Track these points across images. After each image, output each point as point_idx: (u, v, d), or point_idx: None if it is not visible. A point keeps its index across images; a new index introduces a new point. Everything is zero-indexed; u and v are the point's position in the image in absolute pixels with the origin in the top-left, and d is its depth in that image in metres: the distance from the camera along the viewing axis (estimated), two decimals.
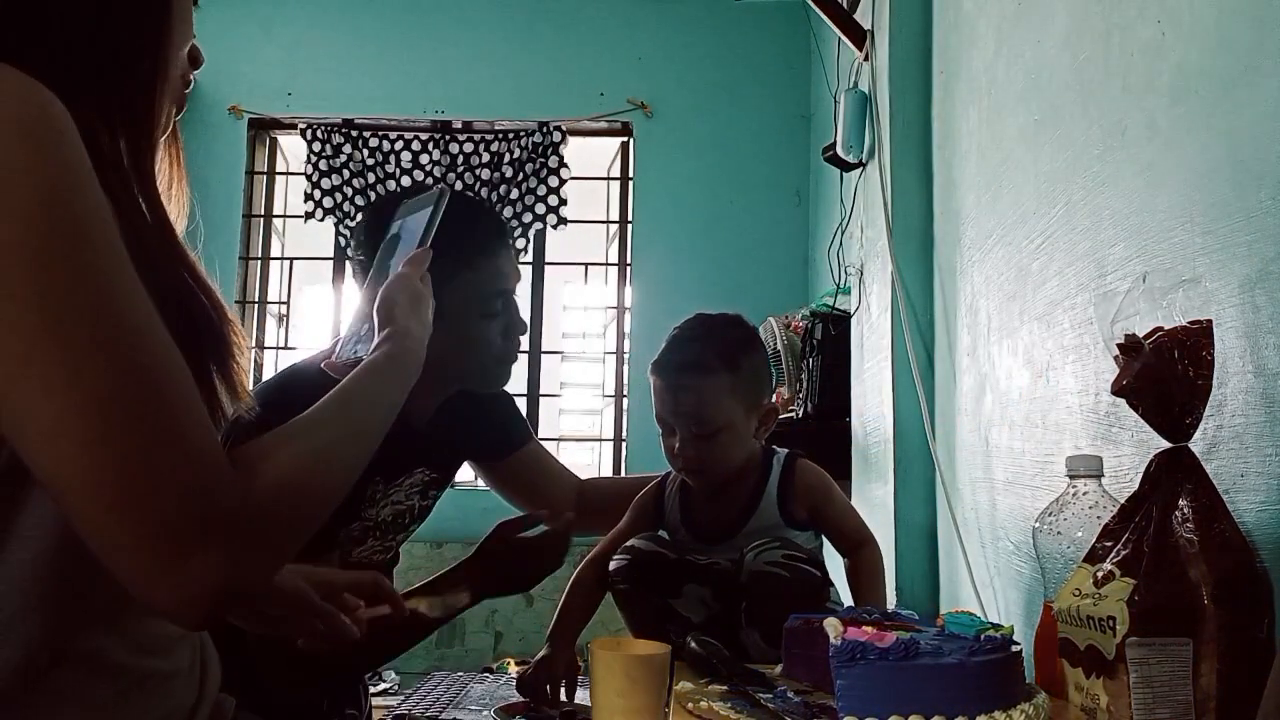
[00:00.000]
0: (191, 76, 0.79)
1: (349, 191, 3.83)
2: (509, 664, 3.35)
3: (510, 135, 3.87)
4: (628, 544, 1.39)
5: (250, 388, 0.75)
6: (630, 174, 3.96)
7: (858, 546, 1.40)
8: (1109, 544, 0.82)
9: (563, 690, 1.32)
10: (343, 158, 3.83)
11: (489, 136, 3.88)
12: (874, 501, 2.07)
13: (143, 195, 0.68)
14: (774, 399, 1.47)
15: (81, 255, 0.55)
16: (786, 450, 1.46)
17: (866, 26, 2.21)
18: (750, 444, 1.40)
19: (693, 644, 1.06)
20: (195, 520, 0.56)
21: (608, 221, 4.19)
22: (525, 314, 1.44)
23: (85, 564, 0.58)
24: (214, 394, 0.70)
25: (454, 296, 1.25)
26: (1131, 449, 1.04)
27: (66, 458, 0.54)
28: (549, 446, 1.78)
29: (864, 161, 2.26)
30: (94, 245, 0.56)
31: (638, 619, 1.39)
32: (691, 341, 1.39)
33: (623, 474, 3.78)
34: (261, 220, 4.00)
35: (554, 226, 3.84)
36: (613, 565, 1.38)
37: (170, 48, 0.72)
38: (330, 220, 3.82)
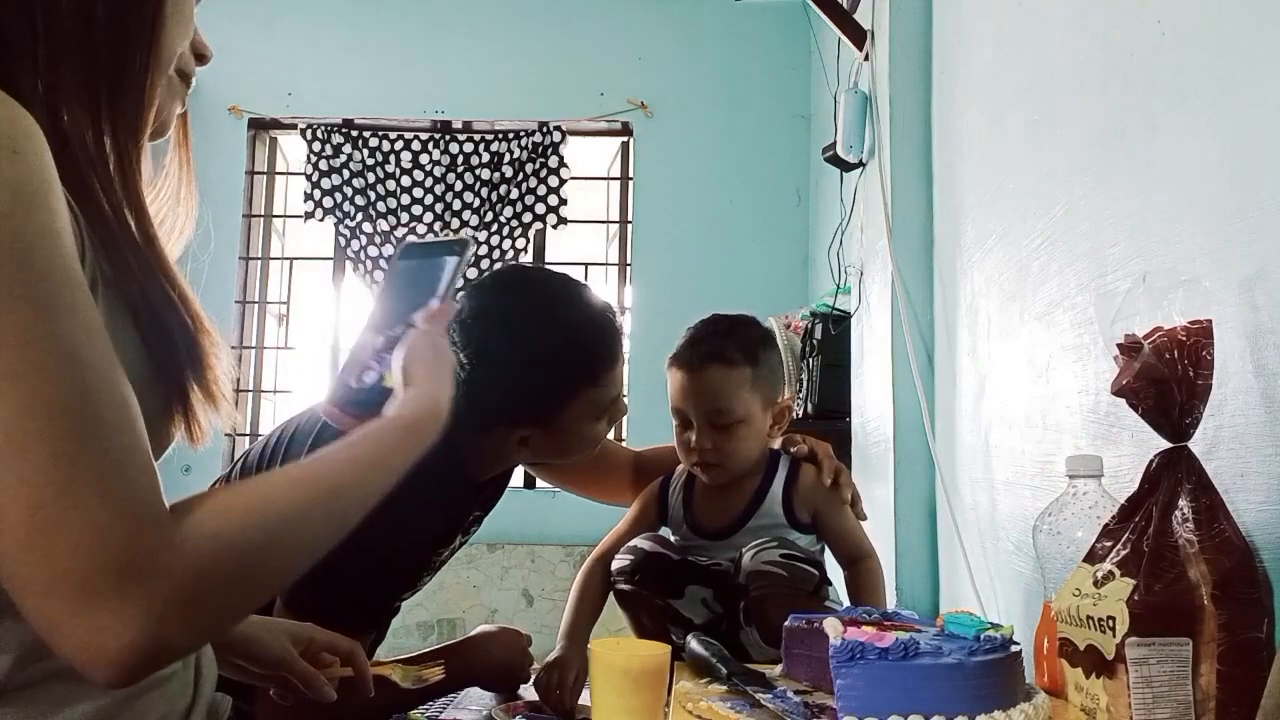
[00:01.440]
0: (195, 72, 0.76)
1: (349, 191, 3.83)
2: None
3: (510, 135, 3.86)
4: (631, 543, 1.39)
5: (231, 393, 0.73)
6: (630, 174, 3.96)
7: (858, 559, 1.39)
8: (1109, 544, 0.82)
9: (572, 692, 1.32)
10: (343, 158, 3.83)
11: (489, 136, 3.88)
12: (874, 501, 2.07)
13: (126, 198, 0.66)
14: (787, 403, 1.47)
15: (17, 279, 0.53)
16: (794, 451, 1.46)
17: (866, 26, 2.21)
18: (765, 441, 1.41)
19: (693, 644, 1.06)
20: (108, 568, 0.51)
21: (608, 221, 4.19)
22: None
23: None
24: (189, 409, 0.68)
25: (574, 410, 1.24)
26: (1131, 449, 1.04)
27: None
28: None
29: (864, 161, 2.26)
30: (35, 269, 0.54)
31: (639, 619, 1.39)
32: (712, 335, 1.39)
33: None
34: (261, 220, 4.00)
35: (554, 226, 3.84)
36: (616, 564, 1.38)
37: (162, 44, 0.69)
38: (330, 220, 3.82)
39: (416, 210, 3.83)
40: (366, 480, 0.68)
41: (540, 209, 3.82)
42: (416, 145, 3.86)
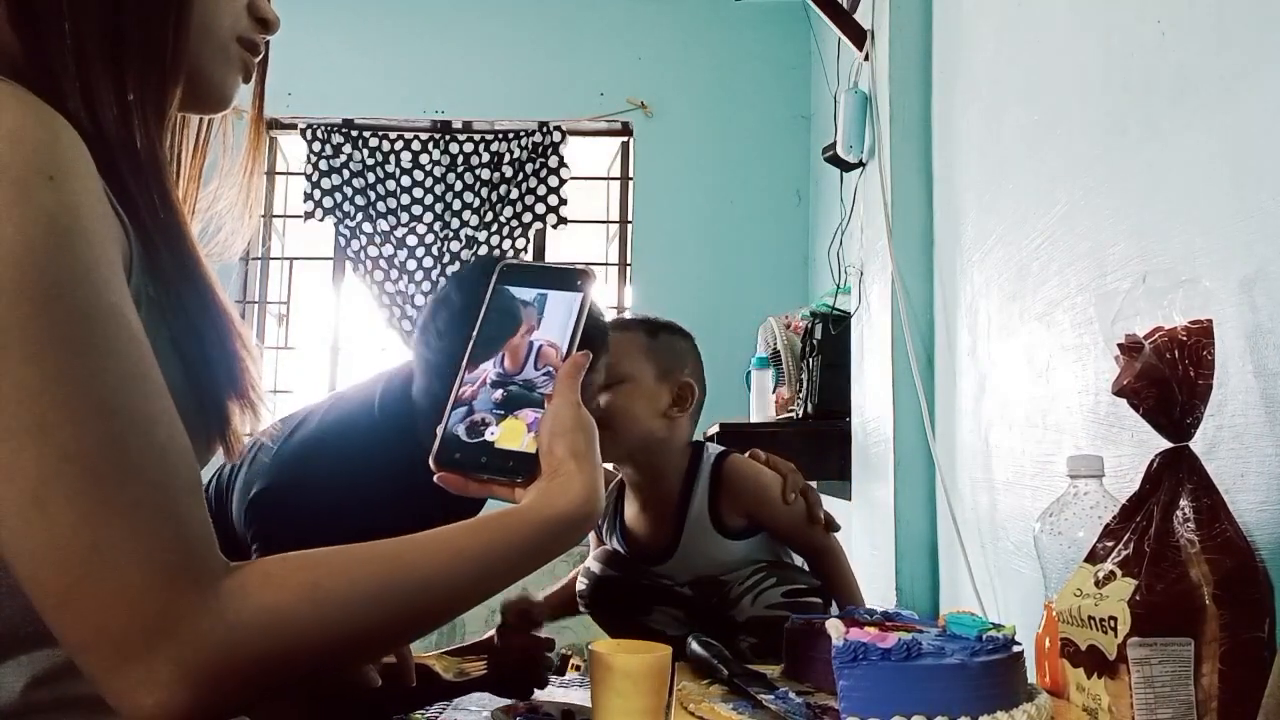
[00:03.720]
0: (259, 40, 0.71)
1: (349, 191, 3.83)
2: None
3: (510, 135, 3.86)
4: (586, 566, 1.38)
5: (267, 398, 0.70)
6: (630, 174, 3.96)
7: (819, 552, 1.35)
8: (1110, 544, 0.82)
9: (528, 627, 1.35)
10: (343, 158, 3.83)
11: (489, 136, 3.88)
12: (874, 501, 2.07)
13: (158, 194, 0.62)
14: (689, 380, 1.39)
15: (47, 322, 0.50)
16: (719, 449, 1.39)
17: (866, 26, 2.21)
18: (662, 422, 1.35)
19: (694, 645, 1.06)
20: (141, 629, 0.49)
21: (608, 221, 4.19)
22: None
23: None
24: (227, 423, 0.65)
25: None
26: (1131, 449, 1.04)
27: (19, 538, 0.49)
28: None
29: (864, 161, 2.26)
30: (68, 310, 0.51)
31: (613, 635, 1.38)
32: (623, 315, 1.42)
33: None
34: (261, 220, 4.00)
35: (554, 226, 3.84)
36: (578, 586, 1.37)
37: (194, 4, 0.65)
38: (330, 220, 3.82)
39: (416, 210, 3.83)
40: (471, 577, 0.59)
41: (540, 209, 3.82)
42: (416, 145, 3.86)
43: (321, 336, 4.02)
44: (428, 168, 3.85)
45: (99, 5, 0.60)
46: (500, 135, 3.87)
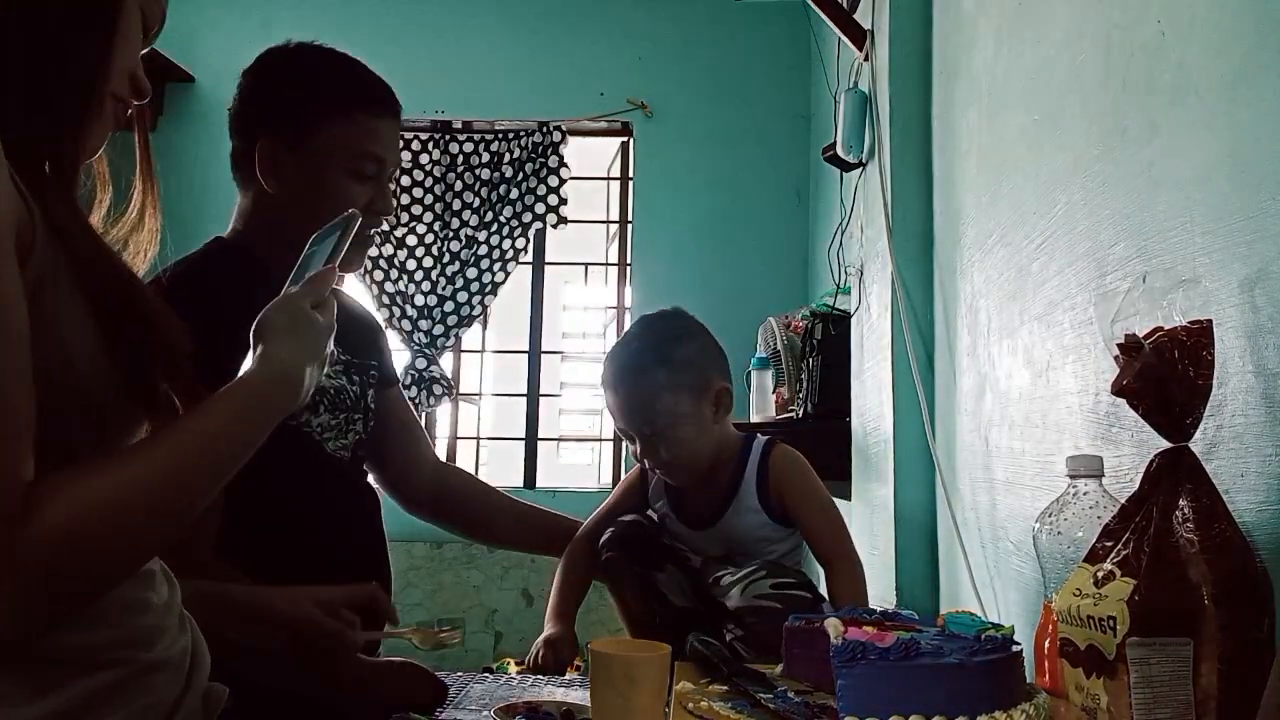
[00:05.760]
0: (131, 102, 0.77)
1: None
2: (509, 664, 3.35)
3: (510, 135, 3.86)
4: (618, 520, 1.40)
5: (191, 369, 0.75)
6: (630, 174, 3.96)
7: (829, 560, 1.34)
8: (1109, 544, 0.82)
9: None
10: None
11: (489, 136, 3.88)
12: (874, 501, 2.07)
13: (67, 194, 0.68)
14: (722, 386, 1.40)
15: None
16: (767, 437, 1.43)
17: (866, 26, 2.21)
18: (714, 430, 1.38)
19: (694, 644, 1.06)
20: None
21: (608, 221, 4.19)
22: (525, 314, 1.44)
23: None
24: (153, 391, 0.69)
25: (322, 140, 1.25)
26: (1131, 449, 1.04)
27: None
28: (549, 447, 1.76)
29: (864, 161, 2.26)
30: None
31: (622, 594, 1.39)
32: (622, 347, 1.40)
33: (622, 474, 3.77)
34: None
35: (554, 226, 3.84)
36: (603, 537, 1.40)
37: (114, 64, 0.71)
38: None
39: (416, 210, 3.83)
40: (216, 453, 0.69)
41: (540, 209, 3.82)
42: (416, 145, 3.86)
43: None
44: (428, 167, 3.85)
45: (26, 61, 0.66)
46: (500, 135, 3.87)
